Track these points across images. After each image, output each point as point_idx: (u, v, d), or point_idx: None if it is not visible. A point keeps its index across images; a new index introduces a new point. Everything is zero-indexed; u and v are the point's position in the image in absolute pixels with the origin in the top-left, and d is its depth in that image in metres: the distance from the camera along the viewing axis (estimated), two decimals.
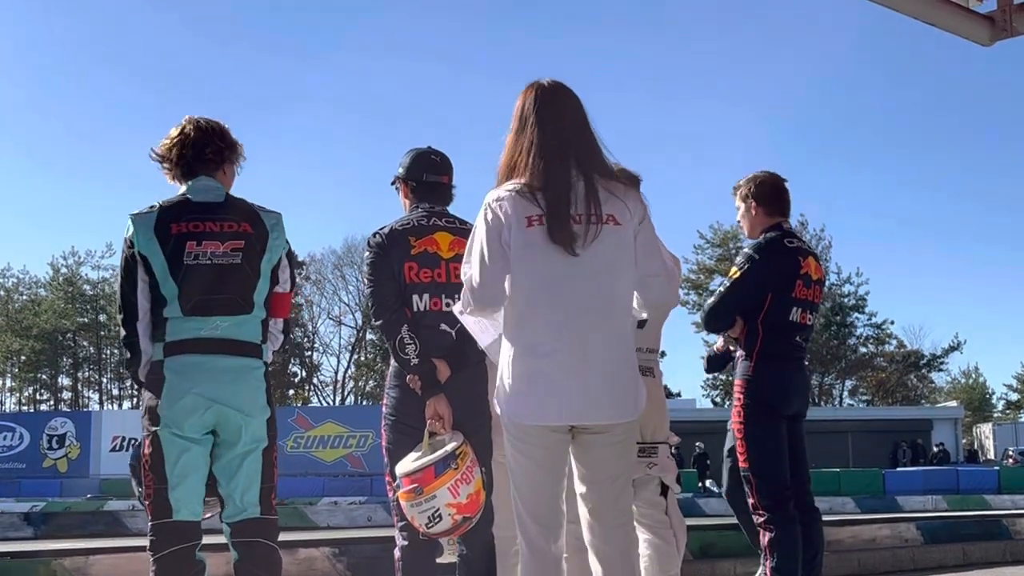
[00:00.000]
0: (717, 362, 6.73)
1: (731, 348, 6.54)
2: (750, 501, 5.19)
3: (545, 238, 3.51)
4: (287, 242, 4.25)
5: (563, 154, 3.59)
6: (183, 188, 4.18)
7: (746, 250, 5.35)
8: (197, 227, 4.04)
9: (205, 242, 4.03)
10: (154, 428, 3.97)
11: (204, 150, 4.19)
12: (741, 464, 5.24)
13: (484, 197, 3.65)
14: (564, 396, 3.50)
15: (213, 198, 4.15)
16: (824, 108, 77.79)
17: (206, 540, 4.05)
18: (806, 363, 5.49)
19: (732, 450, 5.91)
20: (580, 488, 3.69)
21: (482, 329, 3.77)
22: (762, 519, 5.12)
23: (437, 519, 4.01)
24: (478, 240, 3.58)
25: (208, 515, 4.13)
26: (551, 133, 3.61)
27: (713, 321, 5.44)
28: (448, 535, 4.13)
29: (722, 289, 5.36)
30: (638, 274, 3.64)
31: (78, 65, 74.54)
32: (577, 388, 3.50)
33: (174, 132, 4.22)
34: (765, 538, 5.10)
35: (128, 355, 4.15)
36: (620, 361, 3.60)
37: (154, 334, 4.06)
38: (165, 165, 4.23)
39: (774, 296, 5.23)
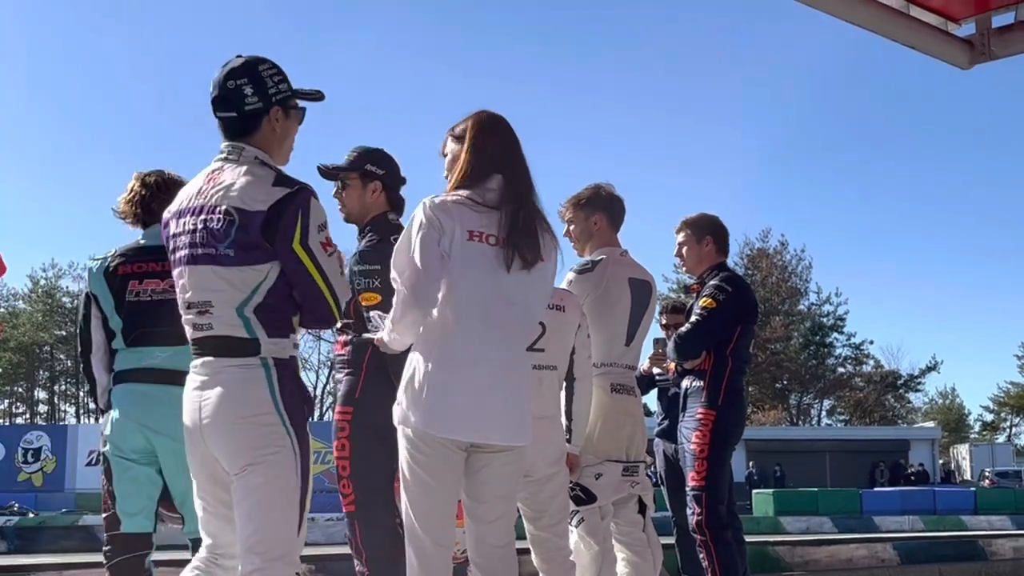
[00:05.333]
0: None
1: (655, 372, 6.66)
2: (696, 518, 5.40)
3: (486, 254, 3.54)
4: None
5: (515, 179, 3.67)
6: (139, 235, 4.59)
7: (715, 282, 5.54)
8: (140, 268, 4.44)
9: (146, 281, 4.41)
10: (103, 450, 4.41)
11: (151, 205, 4.49)
12: (697, 483, 5.42)
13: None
14: (477, 412, 3.51)
15: (161, 242, 4.33)
16: (803, 129, 78.35)
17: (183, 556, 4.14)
18: None
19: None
20: (469, 508, 3.68)
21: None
22: (708, 537, 5.37)
23: None
24: (413, 244, 3.50)
25: (181, 527, 4.49)
26: (507, 157, 3.69)
27: (688, 349, 5.53)
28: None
29: (698, 319, 5.47)
30: None
31: (59, 75, 74.33)
32: (489, 406, 3.53)
33: (126, 193, 4.60)
34: (714, 554, 5.36)
35: (87, 385, 4.60)
36: (523, 387, 3.66)
37: (107, 365, 4.49)
38: (125, 221, 4.63)
39: (742, 328, 5.53)
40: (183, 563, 4.29)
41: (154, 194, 4.52)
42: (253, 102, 3.40)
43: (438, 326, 3.54)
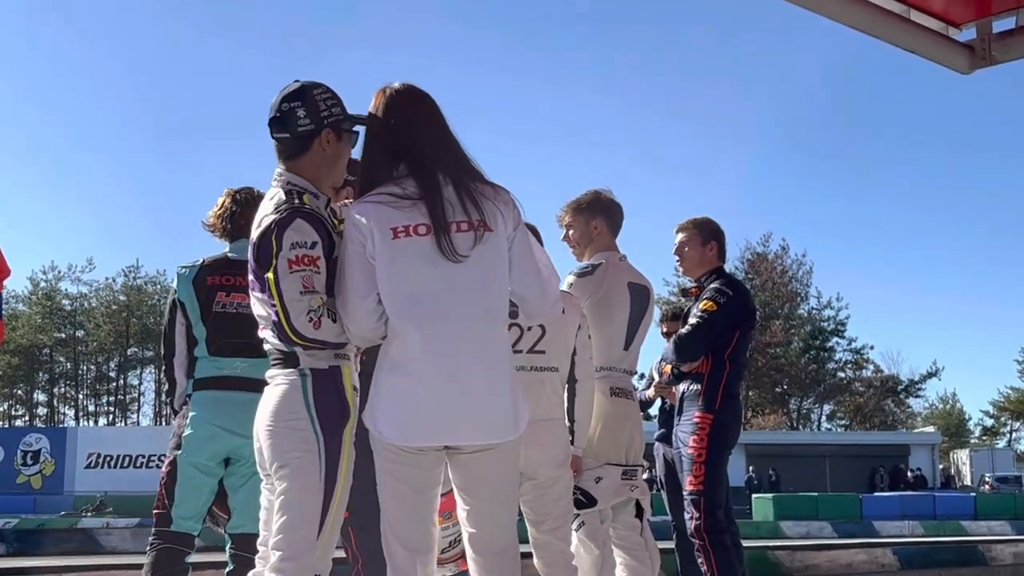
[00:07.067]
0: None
1: (662, 398, 6.67)
2: (695, 523, 5.38)
3: (413, 249, 3.35)
4: None
5: (427, 158, 3.45)
6: (226, 247, 4.84)
7: (716, 285, 5.55)
8: (228, 280, 4.69)
9: (234, 294, 4.65)
10: (175, 453, 4.66)
11: (240, 220, 4.72)
12: (695, 487, 5.40)
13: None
14: (433, 415, 3.35)
15: (247, 256, 4.46)
16: (804, 133, 78.35)
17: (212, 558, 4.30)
18: None
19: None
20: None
21: None
22: (706, 541, 5.35)
23: (457, 543, 4.01)
24: (343, 262, 3.42)
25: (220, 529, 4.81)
26: (411, 137, 3.46)
27: (688, 351, 5.50)
28: (456, 561, 4.11)
29: (698, 321, 5.46)
30: (511, 286, 3.51)
31: (60, 76, 74.41)
32: (447, 407, 3.35)
33: (217, 208, 4.87)
34: (712, 559, 5.34)
35: (167, 386, 4.87)
36: (494, 377, 3.41)
37: (188, 371, 4.75)
38: (214, 234, 4.89)
39: (741, 333, 5.52)
40: (214, 565, 4.36)
41: (243, 210, 4.72)
42: (305, 124, 3.51)
43: (388, 333, 3.41)
